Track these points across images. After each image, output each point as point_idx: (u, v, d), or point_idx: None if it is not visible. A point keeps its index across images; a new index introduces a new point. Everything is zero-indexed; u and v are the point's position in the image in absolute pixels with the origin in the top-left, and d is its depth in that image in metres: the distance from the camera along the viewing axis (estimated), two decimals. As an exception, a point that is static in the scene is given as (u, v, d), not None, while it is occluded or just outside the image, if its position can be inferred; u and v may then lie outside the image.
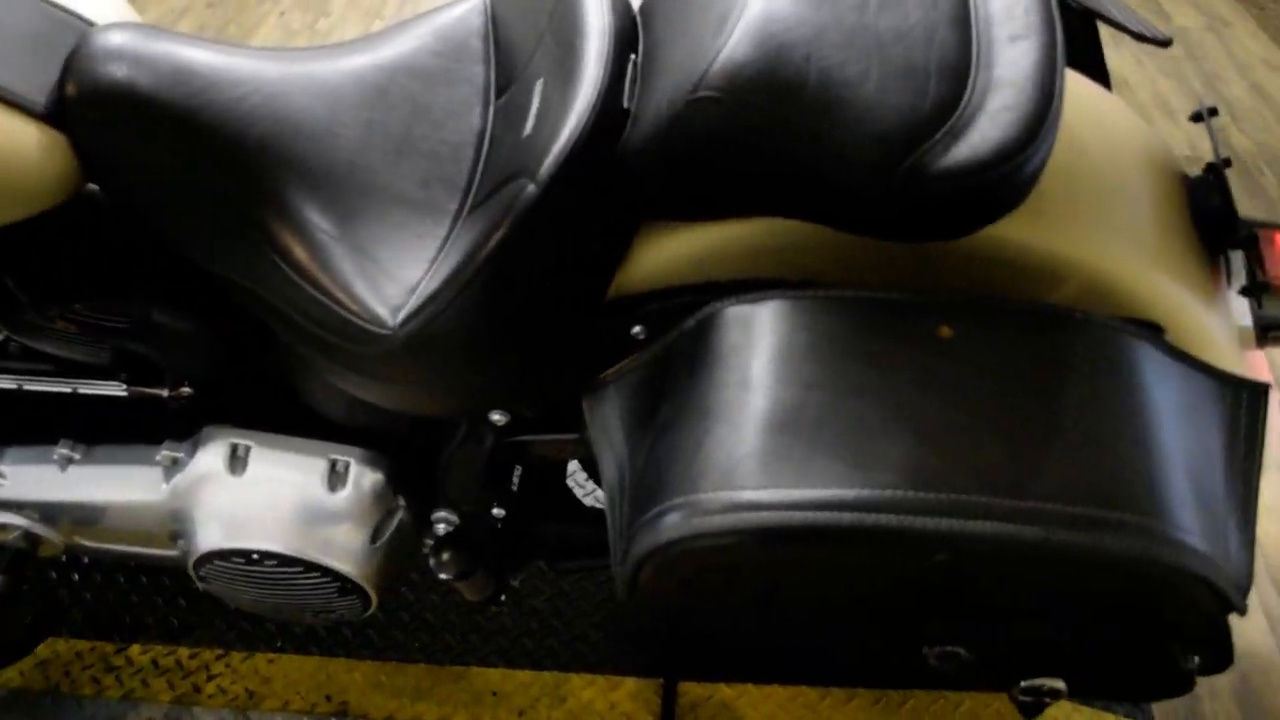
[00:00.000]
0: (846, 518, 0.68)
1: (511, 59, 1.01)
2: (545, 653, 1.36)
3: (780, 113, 0.76)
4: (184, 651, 1.39)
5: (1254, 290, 0.91)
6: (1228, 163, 1.00)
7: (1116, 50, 2.39)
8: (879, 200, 0.74)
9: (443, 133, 0.99)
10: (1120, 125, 0.96)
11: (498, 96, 1.01)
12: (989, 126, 0.74)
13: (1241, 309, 0.98)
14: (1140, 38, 1.06)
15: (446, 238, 0.92)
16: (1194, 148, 2.15)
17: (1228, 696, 1.39)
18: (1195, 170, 0.99)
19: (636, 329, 0.90)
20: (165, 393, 1.11)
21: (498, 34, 1.04)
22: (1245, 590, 0.76)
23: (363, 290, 0.90)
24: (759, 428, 0.73)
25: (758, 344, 0.77)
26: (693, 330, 0.81)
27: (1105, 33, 1.01)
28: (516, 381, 0.95)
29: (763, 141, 0.77)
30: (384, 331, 0.88)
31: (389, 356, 0.89)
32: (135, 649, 1.40)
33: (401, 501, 1.14)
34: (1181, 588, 0.73)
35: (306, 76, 0.97)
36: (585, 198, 0.84)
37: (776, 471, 0.71)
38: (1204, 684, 1.41)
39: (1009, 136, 0.73)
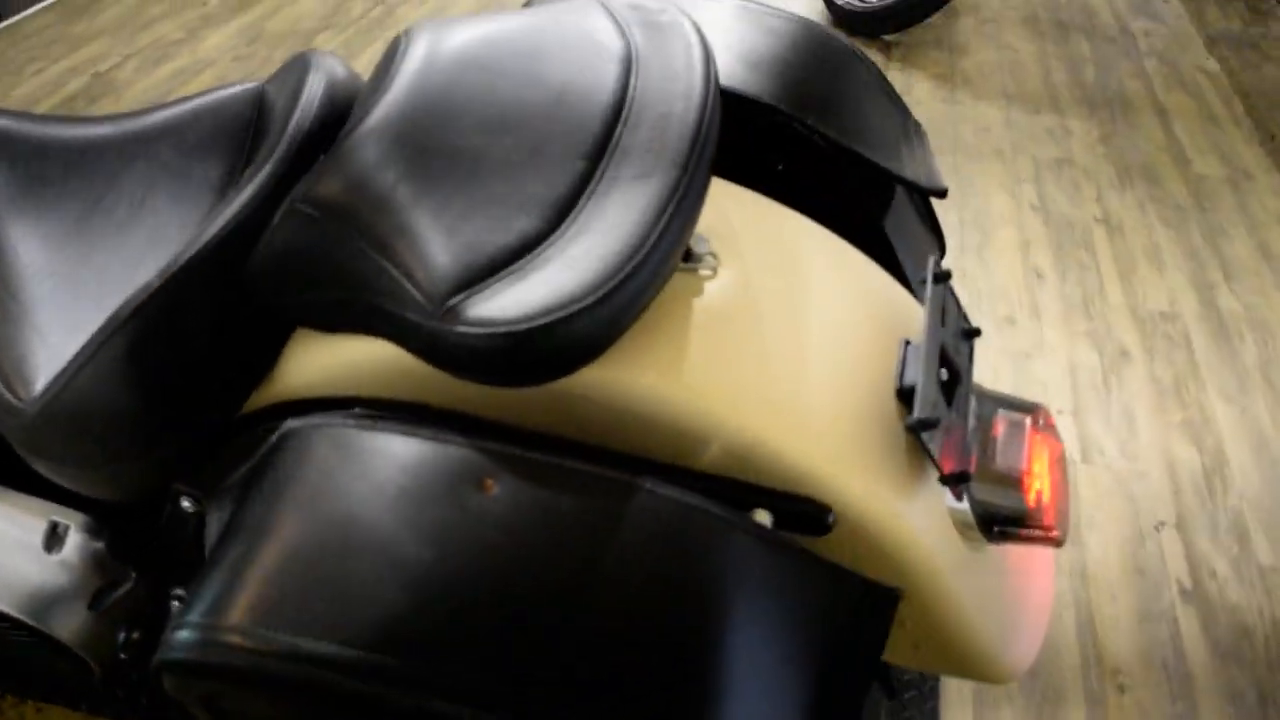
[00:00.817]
0: (303, 670, 0.63)
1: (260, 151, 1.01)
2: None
3: (359, 233, 0.72)
4: (-40, 694, 1.39)
5: (948, 481, 0.81)
6: (976, 333, 0.91)
7: (1119, 193, 2.24)
8: (422, 337, 0.69)
9: (179, 212, 0.99)
10: (839, 284, 0.88)
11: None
12: (556, 272, 0.68)
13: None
14: (911, 185, 0.98)
15: None
16: (1174, 303, 1.98)
17: None
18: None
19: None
20: None
21: (259, 124, 1.04)
22: None
23: (21, 365, 0.89)
24: (272, 562, 0.68)
25: (302, 471, 0.72)
26: (273, 446, 0.77)
27: (1114, 167, 0.90)
28: (165, 475, 0.92)
29: (335, 260, 0.73)
30: (21, 405, 0.87)
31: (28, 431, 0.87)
32: (-85, 691, 1.40)
33: (133, 574, 1.11)
34: None
35: (54, 141, 0.99)
36: (211, 298, 0.82)
37: (269, 612, 0.66)
38: None
39: (573, 286, 0.67)
